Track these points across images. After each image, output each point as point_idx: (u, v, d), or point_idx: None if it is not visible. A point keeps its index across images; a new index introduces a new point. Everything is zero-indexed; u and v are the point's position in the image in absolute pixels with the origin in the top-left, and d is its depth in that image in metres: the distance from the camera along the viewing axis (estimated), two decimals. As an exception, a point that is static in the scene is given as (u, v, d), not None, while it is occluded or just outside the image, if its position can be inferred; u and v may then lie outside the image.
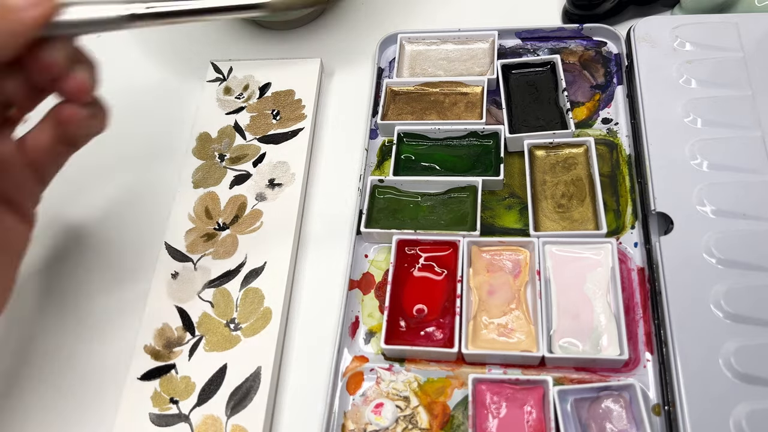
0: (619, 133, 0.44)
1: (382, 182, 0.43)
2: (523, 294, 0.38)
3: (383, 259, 0.42)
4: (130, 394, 0.38)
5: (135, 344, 0.40)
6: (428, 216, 0.42)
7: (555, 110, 0.45)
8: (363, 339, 0.39)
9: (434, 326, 0.38)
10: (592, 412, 0.34)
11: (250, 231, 0.43)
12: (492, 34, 0.49)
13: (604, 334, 0.36)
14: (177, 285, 0.42)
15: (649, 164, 0.40)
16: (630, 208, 0.41)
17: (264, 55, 0.54)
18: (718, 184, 0.38)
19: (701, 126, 0.40)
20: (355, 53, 0.53)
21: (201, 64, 0.54)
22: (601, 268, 0.38)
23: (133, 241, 0.45)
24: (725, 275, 0.35)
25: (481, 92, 0.47)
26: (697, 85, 0.42)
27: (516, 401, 0.35)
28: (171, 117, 0.52)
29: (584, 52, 0.48)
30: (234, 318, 0.40)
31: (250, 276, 0.41)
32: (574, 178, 0.42)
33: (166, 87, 0.54)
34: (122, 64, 0.56)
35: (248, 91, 0.50)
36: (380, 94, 0.48)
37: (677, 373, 0.33)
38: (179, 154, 0.49)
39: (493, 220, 0.42)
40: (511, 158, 0.44)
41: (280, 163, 0.46)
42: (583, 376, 0.36)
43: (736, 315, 0.34)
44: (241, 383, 0.37)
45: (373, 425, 0.35)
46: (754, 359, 0.33)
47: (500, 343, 0.37)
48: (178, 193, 0.46)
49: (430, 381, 0.37)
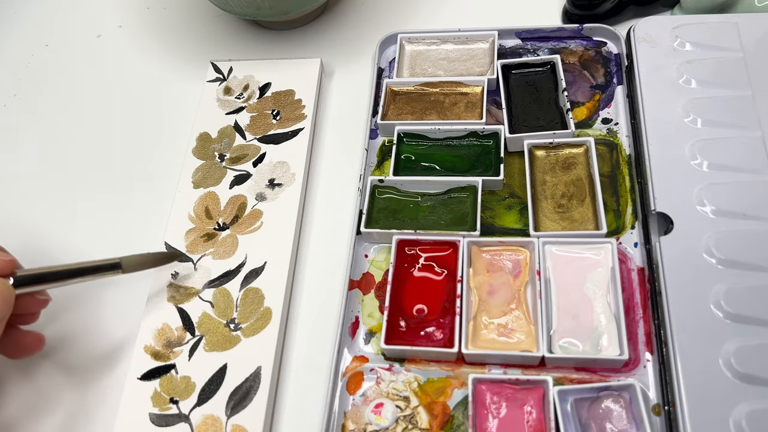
0: (619, 133, 0.44)
1: (382, 182, 0.43)
2: (523, 294, 0.38)
3: (383, 259, 0.42)
4: (130, 394, 0.38)
5: (135, 344, 0.40)
6: (428, 216, 0.42)
7: (555, 110, 0.45)
8: (363, 339, 0.39)
9: (434, 326, 0.38)
10: (592, 412, 0.34)
11: (250, 231, 0.43)
12: (492, 34, 0.49)
13: (604, 334, 0.36)
14: (177, 285, 0.42)
15: (649, 164, 0.40)
16: (630, 208, 0.41)
17: (264, 55, 0.54)
18: (718, 184, 0.38)
19: (701, 126, 0.40)
20: (355, 53, 0.53)
21: (201, 64, 0.54)
22: (601, 268, 0.38)
23: (133, 241, 0.45)
24: (725, 275, 0.35)
25: (481, 92, 0.47)
26: (697, 85, 0.42)
27: (516, 401, 0.35)
28: (171, 117, 0.52)
29: (584, 52, 0.48)
30: (234, 318, 0.40)
31: (250, 276, 0.41)
32: (574, 178, 0.42)
33: (166, 87, 0.54)
34: (122, 64, 0.56)
35: (248, 91, 0.50)
36: (380, 94, 0.48)
37: (677, 373, 0.33)
38: (179, 154, 0.49)
39: (493, 220, 0.42)
40: (511, 158, 0.44)
41: (280, 163, 0.46)
42: (583, 376, 0.36)
43: (736, 315, 0.34)
44: (241, 383, 0.37)
45: (373, 425, 0.35)
46: (754, 359, 0.33)
47: (500, 343, 0.37)
48: (178, 193, 0.46)
49: (430, 381, 0.37)
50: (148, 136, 0.51)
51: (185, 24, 0.58)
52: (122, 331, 0.41)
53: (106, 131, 0.52)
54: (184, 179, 0.46)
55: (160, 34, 0.57)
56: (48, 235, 0.47)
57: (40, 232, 0.47)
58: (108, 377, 0.40)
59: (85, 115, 0.53)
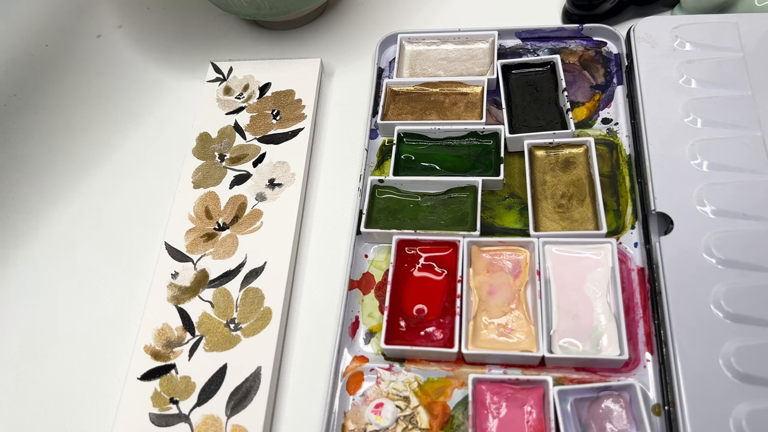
0: (619, 133, 0.44)
1: (382, 182, 0.43)
2: (523, 294, 0.38)
3: (383, 259, 0.42)
4: (130, 394, 0.38)
5: (135, 344, 0.40)
6: (428, 216, 0.42)
7: (555, 110, 0.45)
8: (363, 339, 0.39)
9: (434, 326, 0.38)
10: (592, 412, 0.34)
11: (250, 231, 0.43)
12: (492, 34, 0.49)
13: (604, 334, 0.36)
14: (177, 285, 0.42)
15: (649, 164, 0.40)
16: (630, 208, 0.41)
17: (264, 55, 0.54)
18: (718, 184, 0.38)
19: (701, 126, 0.40)
20: (355, 53, 0.53)
21: (201, 64, 0.54)
22: (601, 268, 0.38)
23: (133, 241, 0.45)
24: (725, 275, 0.35)
25: (481, 92, 0.47)
26: (697, 85, 0.42)
27: (516, 401, 0.35)
28: (171, 117, 0.52)
29: (584, 52, 0.48)
30: (234, 318, 0.40)
31: (250, 276, 0.41)
32: (574, 178, 0.42)
33: (166, 87, 0.54)
34: (122, 64, 0.56)
35: (248, 91, 0.50)
36: (380, 94, 0.48)
37: (677, 373, 0.33)
38: (179, 154, 0.49)
39: (493, 220, 0.42)
40: (511, 158, 0.44)
41: (280, 163, 0.46)
42: (583, 376, 0.36)
43: (736, 315, 0.34)
44: (241, 383, 0.37)
45: (373, 425, 0.35)
46: (754, 359, 0.33)
47: (500, 343, 0.37)
48: (178, 193, 0.46)
49: (430, 381, 0.37)
50: (148, 136, 0.51)
51: (185, 24, 0.58)
52: (122, 331, 0.42)
53: (106, 131, 0.52)
54: (184, 179, 0.46)
55: (160, 34, 0.57)
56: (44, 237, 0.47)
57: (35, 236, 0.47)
58: (108, 377, 0.40)
59: (85, 115, 0.53)
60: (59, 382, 0.40)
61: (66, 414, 0.39)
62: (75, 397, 0.40)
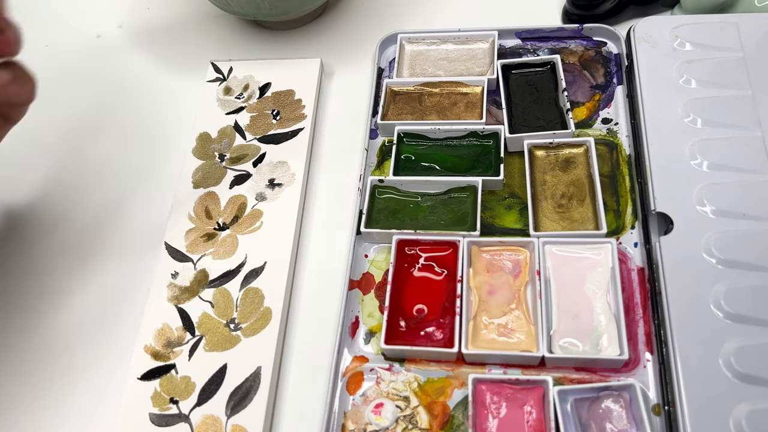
0: (619, 133, 0.44)
1: (382, 182, 0.43)
2: (523, 294, 0.38)
3: (383, 259, 0.42)
4: (130, 394, 0.38)
5: (135, 344, 0.40)
6: (428, 216, 0.42)
7: (555, 110, 0.45)
8: (363, 339, 0.39)
9: (434, 326, 0.38)
10: (592, 412, 0.34)
11: (250, 231, 0.43)
12: (492, 34, 0.49)
13: (604, 334, 0.36)
14: (177, 285, 0.42)
15: (649, 164, 0.40)
16: (630, 208, 0.41)
17: (264, 55, 0.54)
18: (718, 184, 0.38)
19: (701, 126, 0.40)
20: (355, 53, 0.53)
21: (201, 64, 0.54)
22: (601, 268, 0.38)
23: (133, 241, 0.45)
24: (725, 275, 0.35)
25: (481, 92, 0.47)
26: (697, 85, 0.42)
27: (516, 401, 0.35)
28: (171, 117, 0.52)
29: (584, 52, 0.48)
30: (234, 318, 0.40)
31: (250, 276, 0.41)
32: (574, 178, 0.42)
33: (166, 87, 0.54)
34: (122, 64, 0.56)
35: (248, 91, 0.50)
36: (380, 94, 0.48)
37: (677, 373, 0.33)
38: (179, 154, 0.49)
39: (493, 220, 0.42)
40: (511, 158, 0.44)
41: (280, 163, 0.46)
42: (583, 376, 0.36)
43: (736, 315, 0.34)
44: (241, 383, 0.37)
45: (373, 425, 0.35)
46: (754, 359, 0.33)
47: (500, 343, 0.37)
48: (178, 193, 0.46)
49: (430, 381, 0.37)
50: (148, 136, 0.51)
51: (185, 24, 0.58)
52: (122, 331, 0.41)
53: (106, 131, 0.52)
54: (184, 179, 0.46)
55: (160, 34, 0.57)
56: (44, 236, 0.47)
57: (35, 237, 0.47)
58: (108, 377, 0.40)
59: (85, 115, 0.53)
60: (59, 382, 0.40)
61: (66, 414, 0.39)
62: (75, 397, 0.40)
